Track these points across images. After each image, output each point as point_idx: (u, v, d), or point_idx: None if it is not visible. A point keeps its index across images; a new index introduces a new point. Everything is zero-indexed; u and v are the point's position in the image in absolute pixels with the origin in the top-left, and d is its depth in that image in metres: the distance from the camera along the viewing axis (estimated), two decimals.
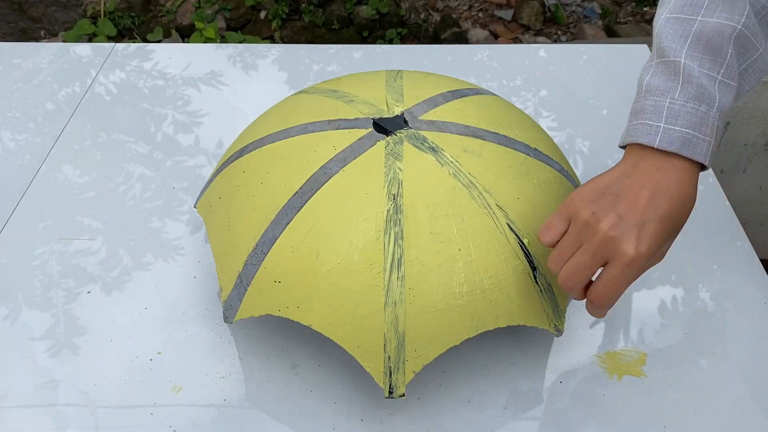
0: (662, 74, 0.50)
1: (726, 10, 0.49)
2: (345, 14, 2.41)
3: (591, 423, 0.56)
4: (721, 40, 0.49)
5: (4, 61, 0.97)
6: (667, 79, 0.49)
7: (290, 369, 0.60)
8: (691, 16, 0.49)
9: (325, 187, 0.55)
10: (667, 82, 0.49)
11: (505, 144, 0.59)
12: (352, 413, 0.56)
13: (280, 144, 0.60)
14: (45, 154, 0.82)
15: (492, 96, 0.68)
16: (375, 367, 0.52)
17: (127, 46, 1.00)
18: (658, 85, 0.49)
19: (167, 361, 0.60)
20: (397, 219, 0.53)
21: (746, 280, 0.67)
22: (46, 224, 0.73)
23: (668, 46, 0.50)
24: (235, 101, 0.91)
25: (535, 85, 0.94)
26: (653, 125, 0.48)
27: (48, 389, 0.58)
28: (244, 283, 0.55)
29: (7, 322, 0.63)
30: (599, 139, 0.85)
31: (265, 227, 0.55)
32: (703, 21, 0.49)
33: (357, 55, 1.00)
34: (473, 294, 0.52)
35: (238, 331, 0.62)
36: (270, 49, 1.01)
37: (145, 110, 0.89)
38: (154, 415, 0.56)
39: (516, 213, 0.55)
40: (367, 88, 0.65)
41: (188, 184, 0.78)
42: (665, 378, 0.59)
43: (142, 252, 0.70)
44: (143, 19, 2.40)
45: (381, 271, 0.51)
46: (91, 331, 0.63)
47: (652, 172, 0.48)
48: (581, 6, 2.56)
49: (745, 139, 1.24)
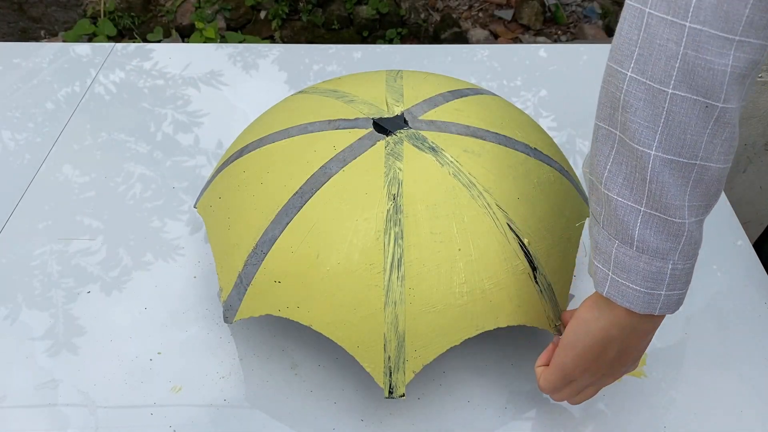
0: (661, 229, 0.43)
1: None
2: (345, 14, 2.41)
3: (591, 423, 0.56)
4: (721, 179, 0.43)
5: (4, 61, 0.97)
6: (666, 238, 0.43)
7: (290, 369, 0.60)
8: (691, 160, 0.41)
9: (325, 187, 0.55)
10: (666, 241, 0.43)
11: (505, 144, 0.59)
12: (352, 413, 0.56)
13: (280, 144, 0.60)
14: (45, 153, 0.82)
15: (492, 96, 0.68)
16: (375, 367, 0.52)
17: (126, 46, 1.00)
18: (656, 244, 0.43)
19: (167, 361, 0.60)
20: (397, 219, 0.53)
21: (746, 280, 0.67)
22: (46, 224, 0.73)
23: (669, 199, 0.42)
24: (235, 101, 0.91)
25: (535, 85, 0.94)
26: (653, 294, 0.44)
27: (48, 389, 0.58)
28: (244, 283, 0.55)
29: (7, 322, 0.63)
30: None
31: (265, 227, 0.55)
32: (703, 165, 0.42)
33: (357, 55, 1.00)
34: (473, 294, 0.52)
35: (238, 331, 0.62)
36: (270, 49, 1.01)
37: (145, 110, 0.89)
38: (154, 415, 0.56)
39: (516, 213, 0.55)
40: (367, 88, 0.65)
41: (188, 184, 0.78)
42: (665, 378, 0.59)
43: (142, 252, 0.70)
44: (143, 19, 2.40)
45: (381, 271, 0.51)
46: (91, 331, 0.63)
47: (644, 334, 0.48)
48: (581, 6, 2.56)
49: (745, 139, 1.24)
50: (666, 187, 0.42)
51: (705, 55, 0.38)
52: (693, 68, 0.39)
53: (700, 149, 0.41)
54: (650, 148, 0.41)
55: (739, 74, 0.39)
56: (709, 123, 0.40)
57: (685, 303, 0.64)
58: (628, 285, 0.44)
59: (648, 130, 0.41)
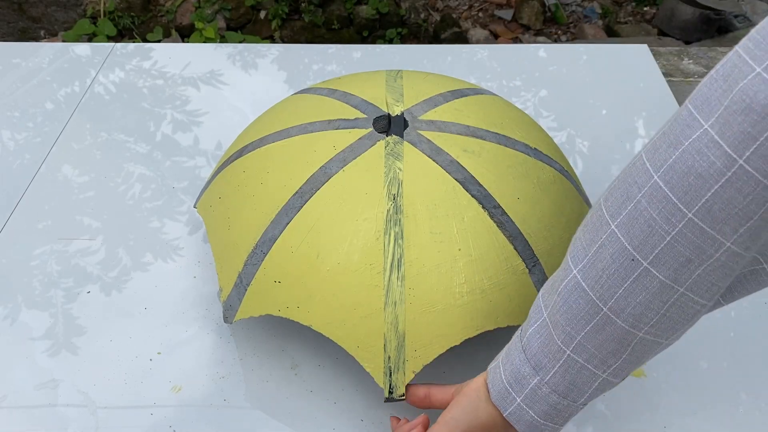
0: (543, 346, 0.43)
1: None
2: (345, 14, 2.41)
3: (591, 423, 0.56)
4: (625, 341, 0.41)
5: (4, 61, 0.97)
6: (545, 356, 0.43)
7: (290, 369, 0.60)
8: (603, 303, 0.40)
9: (325, 187, 0.55)
10: (545, 359, 0.43)
11: (505, 144, 0.59)
12: (352, 413, 0.56)
13: (280, 144, 0.60)
14: (45, 153, 0.81)
15: (492, 96, 0.68)
16: (375, 368, 0.52)
17: (126, 46, 1.00)
18: (536, 354, 0.44)
19: (167, 361, 0.60)
20: (397, 219, 0.53)
21: None
22: (45, 224, 0.73)
23: (563, 325, 0.42)
24: (234, 101, 0.91)
25: (535, 85, 0.94)
26: (508, 394, 0.45)
27: (48, 389, 0.58)
28: (244, 283, 0.55)
29: (7, 322, 0.63)
30: (599, 139, 0.85)
31: (265, 227, 0.55)
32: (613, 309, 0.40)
33: (357, 55, 1.00)
34: (473, 294, 0.52)
35: (238, 331, 0.62)
36: (270, 49, 1.01)
37: (144, 110, 0.89)
38: (154, 415, 0.56)
39: (516, 213, 0.55)
40: (366, 88, 0.65)
41: (188, 184, 0.78)
42: (665, 378, 0.59)
43: (142, 252, 0.70)
44: (143, 19, 2.40)
45: (381, 271, 0.51)
46: (91, 331, 0.62)
47: None
48: (581, 6, 2.56)
49: None
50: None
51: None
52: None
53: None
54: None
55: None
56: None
57: None
58: (501, 382, 0.46)
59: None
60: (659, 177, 0.36)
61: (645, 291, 0.39)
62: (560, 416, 0.44)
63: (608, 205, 0.39)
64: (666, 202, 0.36)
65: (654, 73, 0.95)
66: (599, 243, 0.40)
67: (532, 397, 0.44)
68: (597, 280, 0.40)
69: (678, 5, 2.32)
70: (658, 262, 0.38)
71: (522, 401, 0.44)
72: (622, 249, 0.38)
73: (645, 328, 0.40)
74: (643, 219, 0.37)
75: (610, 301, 0.40)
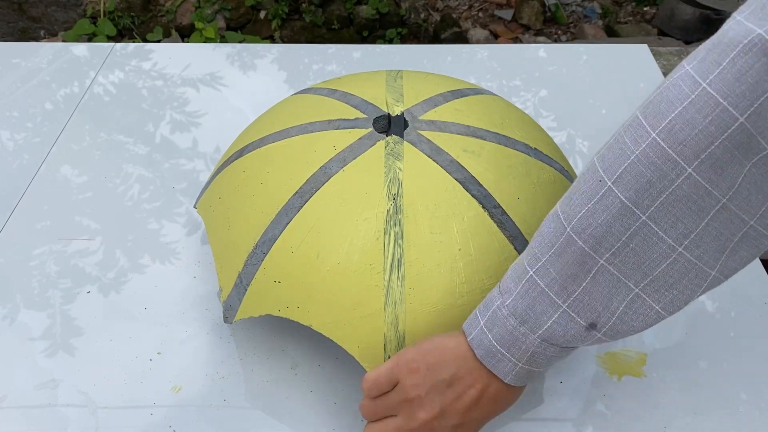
0: (513, 271, 0.45)
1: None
2: (345, 14, 2.42)
3: (591, 423, 0.56)
4: (585, 266, 0.42)
5: (4, 61, 0.97)
6: (512, 279, 0.45)
7: (290, 369, 0.60)
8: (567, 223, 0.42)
9: (325, 187, 0.55)
10: (511, 282, 0.45)
11: (505, 144, 0.59)
12: (352, 413, 0.56)
13: (280, 144, 0.60)
14: (44, 154, 0.81)
15: (492, 96, 0.68)
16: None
17: (125, 46, 1.00)
18: (506, 280, 0.46)
19: (167, 361, 0.60)
20: (397, 219, 0.53)
21: (746, 280, 0.67)
22: (44, 224, 0.73)
23: (533, 248, 0.44)
24: (234, 101, 0.90)
25: (535, 85, 0.94)
26: (476, 318, 0.46)
27: (48, 389, 0.58)
28: (244, 283, 0.55)
29: (6, 322, 0.63)
30: (599, 139, 0.85)
31: (265, 227, 0.55)
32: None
33: (357, 55, 1.00)
34: (473, 294, 0.52)
35: (238, 331, 0.62)
36: (269, 49, 1.01)
37: (144, 110, 0.89)
38: (154, 415, 0.56)
39: (516, 213, 0.55)
40: (366, 88, 0.65)
41: (187, 184, 0.78)
42: (665, 378, 0.59)
43: (141, 252, 0.70)
44: (143, 19, 2.40)
45: (381, 271, 0.51)
46: (90, 332, 0.62)
47: (484, 372, 0.46)
48: (581, 6, 2.56)
49: None
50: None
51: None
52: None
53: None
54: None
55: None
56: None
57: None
58: (478, 308, 0.47)
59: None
60: (639, 111, 0.40)
61: (606, 211, 0.40)
62: (516, 346, 0.45)
63: (600, 155, 0.42)
64: (637, 127, 0.39)
65: (654, 73, 0.95)
66: (581, 173, 0.43)
67: (492, 320, 0.45)
68: (568, 202, 0.42)
69: (678, 5, 2.32)
70: (620, 181, 0.40)
71: (484, 324, 0.46)
72: (594, 171, 0.41)
73: (606, 255, 0.41)
74: (617, 145, 0.40)
75: (574, 220, 0.42)
